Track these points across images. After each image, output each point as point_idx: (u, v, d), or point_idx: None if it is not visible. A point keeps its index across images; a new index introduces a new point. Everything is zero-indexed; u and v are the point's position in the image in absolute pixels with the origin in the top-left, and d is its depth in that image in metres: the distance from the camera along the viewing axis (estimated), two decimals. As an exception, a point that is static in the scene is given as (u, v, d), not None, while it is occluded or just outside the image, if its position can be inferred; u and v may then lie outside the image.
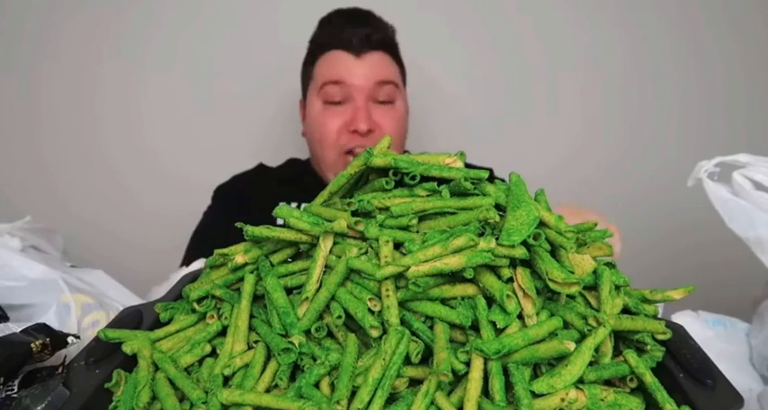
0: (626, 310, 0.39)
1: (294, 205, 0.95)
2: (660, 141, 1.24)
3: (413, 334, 0.35)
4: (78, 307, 0.54)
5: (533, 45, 1.22)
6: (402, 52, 0.97)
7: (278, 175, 1.01)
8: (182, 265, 0.88)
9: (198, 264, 0.69)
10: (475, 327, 0.35)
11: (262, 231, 0.40)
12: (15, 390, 0.37)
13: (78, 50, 1.16)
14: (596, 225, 0.45)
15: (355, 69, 0.88)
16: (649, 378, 0.35)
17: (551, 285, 0.35)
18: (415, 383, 0.35)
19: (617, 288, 0.39)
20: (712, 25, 1.21)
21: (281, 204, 0.42)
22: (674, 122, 1.24)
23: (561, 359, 0.34)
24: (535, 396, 0.32)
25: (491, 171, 0.94)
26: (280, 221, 0.92)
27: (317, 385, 0.35)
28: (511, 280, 0.36)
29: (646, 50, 1.22)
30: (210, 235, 0.93)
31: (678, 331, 0.40)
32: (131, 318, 0.44)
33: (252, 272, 0.41)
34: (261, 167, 1.03)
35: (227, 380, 0.37)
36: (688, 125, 1.24)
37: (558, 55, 1.23)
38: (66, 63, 1.16)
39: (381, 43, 0.90)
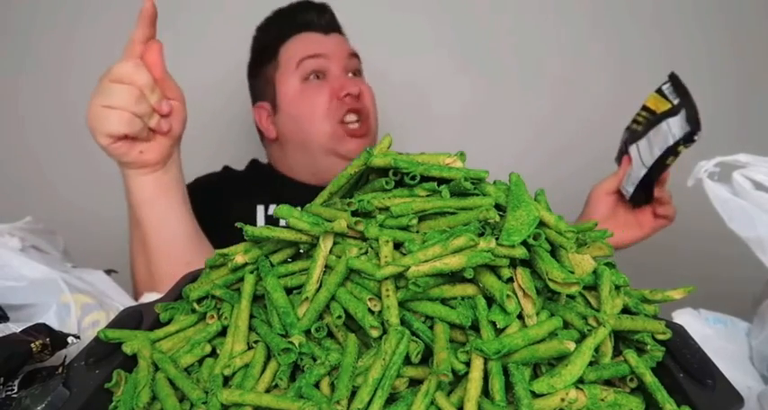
0: (626, 310, 0.40)
1: (262, 208, 0.94)
2: (660, 141, 1.24)
3: (413, 334, 0.35)
4: (78, 308, 0.54)
5: (533, 45, 1.22)
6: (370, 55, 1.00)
7: (242, 178, 1.01)
8: None
9: (149, 297, 0.68)
10: (475, 327, 0.35)
11: (262, 231, 0.40)
12: (15, 390, 0.37)
13: (78, 50, 1.16)
14: (596, 224, 0.45)
15: (328, 44, 0.91)
16: (649, 378, 0.35)
17: (551, 285, 0.35)
18: (415, 383, 0.35)
19: (617, 288, 0.39)
20: (713, 24, 1.21)
21: (281, 205, 0.42)
22: (674, 122, 1.23)
23: (561, 359, 0.34)
24: (535, 396, 0.32)
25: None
26: (261, 222, 0.92)
27: (317, 385, 0.35)
28: (511, 280, 0.36)
29: (646, 50, 1.22)
30: None
31: (678, 331, 0.40)
32: (131, 318, 0.44)
33: (252, 272, 0.41)
34: (226, 170, 1.02)
35: (227, 380, 0.37)
36: (688, 125, 1.23)
37: (559, 54, 1.23)
38: (67, 63, 1.16)
39: (340, 29, 0.96)
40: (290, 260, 0.42)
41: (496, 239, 0.35)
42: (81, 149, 1.19)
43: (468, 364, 0.33)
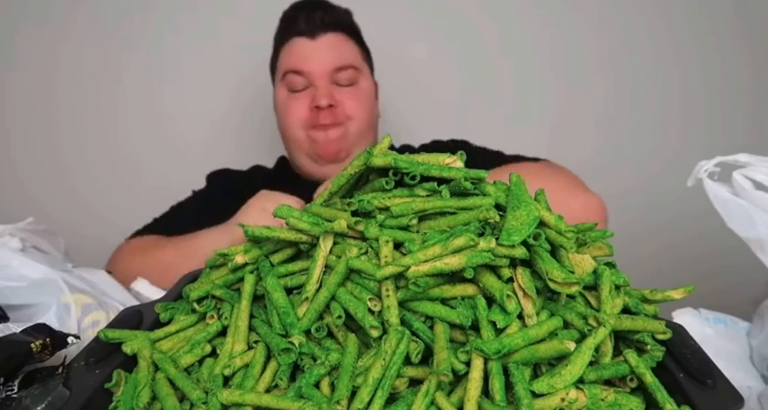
0: (626, 310, 0.40)
1: None
2: (660, 141, 1.24)
3: (413, 334, 0.35)
4: (78, 308, 0.54)
5: (536, 44, 1.22)
6: (378, 44, 0.99)
7: (270, 176, 1.02)
8: (136, 234, 0.89)
9: (139, 283, 0.69)
10: (475, 327, 0.35)
11: (262, 231, 0.40)
12: (15, 390, 0.37)
13: (81, 53, 1.16)
14: (596, 225, 0.45)
15: (313, 54, 0.90)
16: (649, 378, 0.35)
17: (551, 285, 0.35)
18: (415, 383, 0.35)
19: (617, 288, 0.39)
20: (714, 24, 1.21)
21: (280, 204, 0.42)
22: (675, 122, 1.24)
23: (561, 359, 0.34)
24: (535, 396, 0.32)
25: (468, 143, 0.94)
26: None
27: (317, 385, 0.35)
28: (511, 280, 0.36)
29: (647, 50, 1.22)
30: (188, 212, 0.94)
31: (678, 331, 0.40)
32: (131, 318, 0.44)
33: (252, 272, 0.41)
34: (255, 169, 1.04)
35: (227, 380, 0.37)
36: (689, 125, 1.24)
37: (559, 53, 1.23)
38: (73, 65, 1.16)
39: (336, 25, 0.93)
40: (290, 260, 0.42)
41: (496, 239, 0.35)
42: (84, 152, 1.19)
43: (468, 364, 0.33)
